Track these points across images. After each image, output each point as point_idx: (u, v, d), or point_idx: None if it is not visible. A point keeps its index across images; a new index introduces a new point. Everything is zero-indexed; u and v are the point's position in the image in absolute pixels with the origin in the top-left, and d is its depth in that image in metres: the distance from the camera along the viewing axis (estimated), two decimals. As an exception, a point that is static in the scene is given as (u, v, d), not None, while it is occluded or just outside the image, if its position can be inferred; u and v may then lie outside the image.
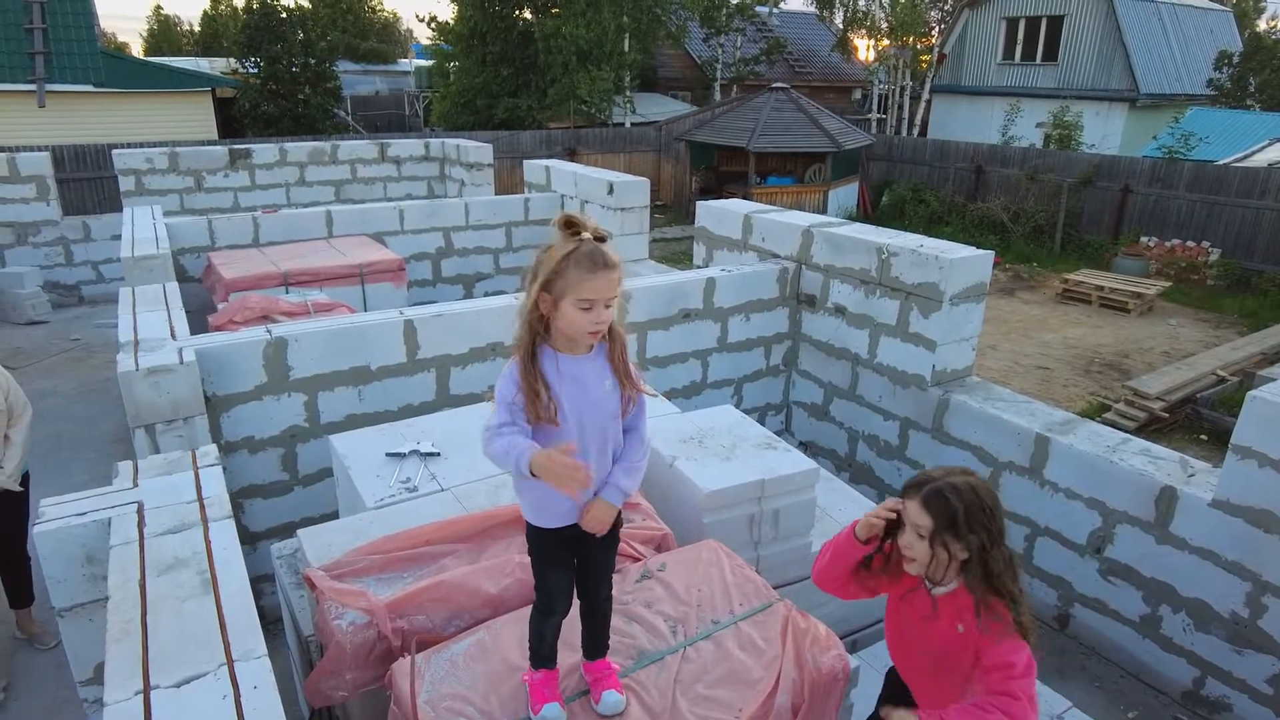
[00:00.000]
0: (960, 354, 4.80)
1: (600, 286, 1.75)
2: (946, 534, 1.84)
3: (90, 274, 9.62)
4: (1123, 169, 14.03)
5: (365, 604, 2.24)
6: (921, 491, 1.88)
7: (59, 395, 7.02)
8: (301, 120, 19.43)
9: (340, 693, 2.17)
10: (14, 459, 3.72)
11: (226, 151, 10.22)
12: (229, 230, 7.19)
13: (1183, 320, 11.07)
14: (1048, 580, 4.30)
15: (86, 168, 12.87)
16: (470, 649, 2.14)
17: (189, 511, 2.42)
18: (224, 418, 3.95)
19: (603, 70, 19.19)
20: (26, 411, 3.81)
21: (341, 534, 2.66)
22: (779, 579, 3.29)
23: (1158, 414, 7.60)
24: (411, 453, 3.16)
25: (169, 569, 2.13)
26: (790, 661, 2.08)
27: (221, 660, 1.81)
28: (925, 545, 1.88)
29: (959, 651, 1.92)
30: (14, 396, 3.75)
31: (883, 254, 4.87)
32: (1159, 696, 3.84)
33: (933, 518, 1.85)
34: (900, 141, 18.36)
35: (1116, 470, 3.88)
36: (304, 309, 4.99)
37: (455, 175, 10.96)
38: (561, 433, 1.82)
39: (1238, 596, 3.49)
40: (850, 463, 5.41)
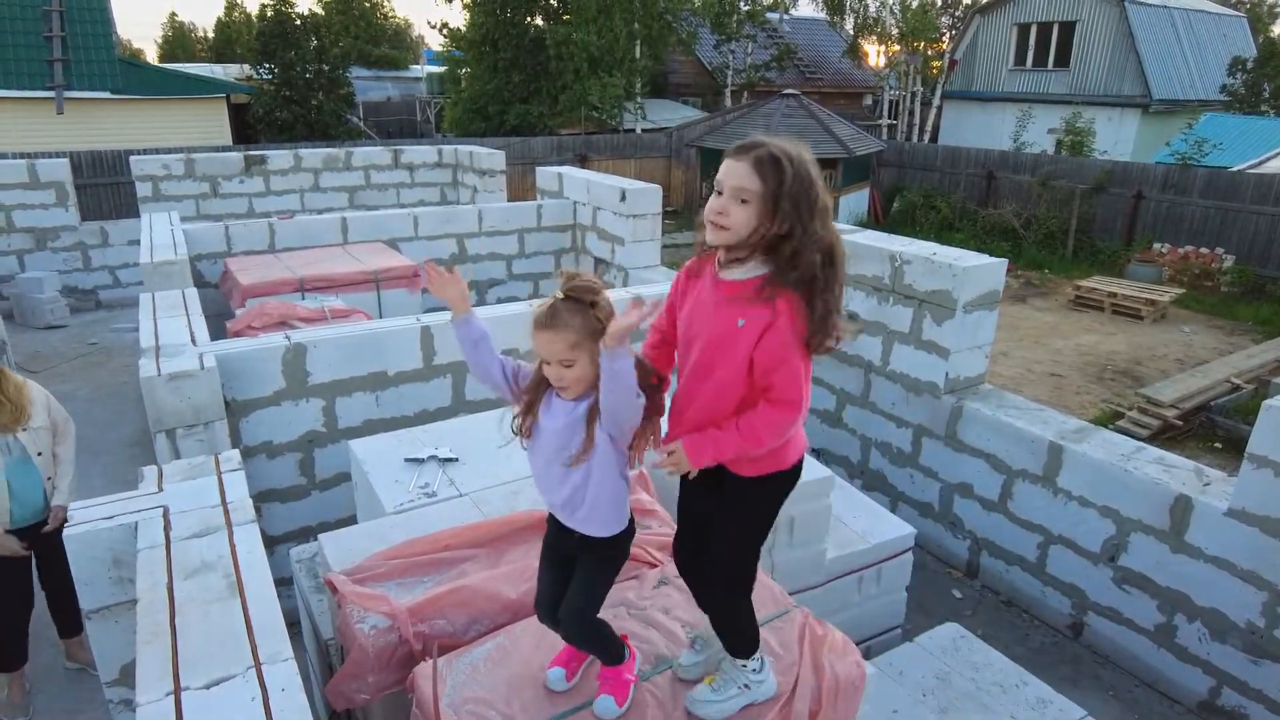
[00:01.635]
0: (973, 361, 4.81)
1: (541, 345, 1.81)
2: (771, 201, 1.69)
3: (107, 279, 9.73)
4: (1135, 175, 13.99)
5: (387, 608, 2.27)
6: (752, 153, 1.71)
7: (77, 399, 7.10)
8: (315, 126, 19.58)
9: (362, 695, 2.20)
10: (66, 476, 3.65)
11: (242, 157, 10.32)
12: (245, 236, 7.25)
13: (1196, 327, 11.01)
14: (1061, 589, 4.29)
15: (104, 173, 13.01)
16: (491, 653, 2.17)
17: (213, 515, 2.46)
18: (243, 423, 4.00)
19: (614, 76, 19.27)
20: (70, 427, 3.76)
21: (361, 538, 2.69)
22: (795, 585, 3.31)
23: (1171, 422, 7.57)
24: (430, 458, 3.19)
25: (195, 572, 2.17)
26: (808, 668, 2.09)
27: (249, 662, 1.84)
28: (744, 212, 1.71)
29: (732, 347, 1.76)
30: (56, 413, 3.69)
31: (895, 261, 4.88)
32: (1174, 706, 3.83)
33: (761, 180, 1.69)
34: (911, 147, 18.34)
35: (1130, 478, 3.88)
36: (321, 315, 5.04)
37: (468, 182, 11.03)
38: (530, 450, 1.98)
39: (1254, 606, 3.48)
40: (863, 470, 5.42)
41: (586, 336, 1.78)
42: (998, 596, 4.64)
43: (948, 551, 4.92)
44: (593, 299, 1.79)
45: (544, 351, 1.82)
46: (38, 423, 3.55)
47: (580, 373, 1.82)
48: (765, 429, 1.80)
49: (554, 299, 1.81)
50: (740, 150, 1.74)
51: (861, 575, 3.58)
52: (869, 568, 3.59)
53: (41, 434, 3.57)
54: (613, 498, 1.91)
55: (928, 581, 4.78)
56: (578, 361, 1.80)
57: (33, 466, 3.54)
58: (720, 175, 1.76)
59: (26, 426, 3.50)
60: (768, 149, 1.72)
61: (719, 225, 1.76)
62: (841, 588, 3.52)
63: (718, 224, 1.76)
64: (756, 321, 1.75)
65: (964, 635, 3.47)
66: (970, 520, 4.74)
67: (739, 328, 1.77)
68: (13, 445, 3.48)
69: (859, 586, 3.60)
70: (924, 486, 4.99)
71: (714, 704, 2.04)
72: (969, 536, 4.76)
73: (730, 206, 1.74)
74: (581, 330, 1.77)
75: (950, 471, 4.79)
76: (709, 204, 1.78)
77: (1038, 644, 4.30)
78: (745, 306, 1.77)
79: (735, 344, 1.78)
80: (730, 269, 1.84)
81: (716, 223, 1.76)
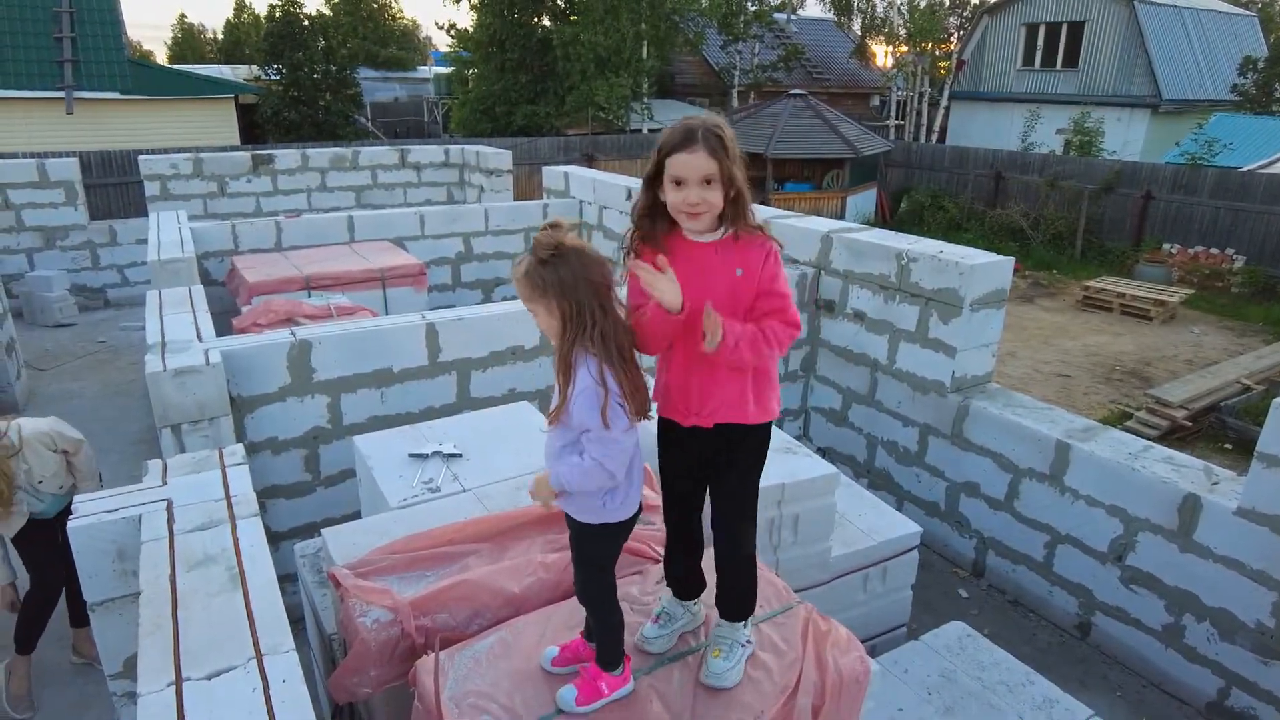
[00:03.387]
0: (980, 360, 4.78)
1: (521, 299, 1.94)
2: (728, 175, 1.85)
3: (116, 278, 9.78)
4: (1144, 175, 13.92)
5: (389, 602, 2.26)
6: (698, 142, 1.83)
7: (85, 397, 7.13)
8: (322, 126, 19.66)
9: (364, 689, 2.20)
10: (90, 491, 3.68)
11: (249, 157, 10.35)
12: (252, 235, 7.28)
13: (1206, 328, 10.95)
14: (1069, 588, 4.26)
15: (113, 173, 13.08)
16: (493, 647, 2.16)
17: (217, 509, 2.46)
18: (248, 418, 4.01)
19: (620, 77, 19.28)
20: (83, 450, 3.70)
21: (365, 534, 2.69)
22: (799, 583, 3.29)
23: (1180, 422, 7.52)
24: (434, 454, 3.19)
25: (198, 565, 2.17)
26: (811, 663, 2.08)
27: (251, 654, 1.84)
28: (714, 193, 1.87)
29: (743, 294, 1.95)
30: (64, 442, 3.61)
31: (902, 260, 4.86)
32: (1183, 707, 3.79)
33: (717, 160, 1.84)
34: (919, 148, 18.30)
35: (1138, 478, 3.85)
36: (326, 312, 5.05)
37: (474, 181, 11.04)
38: None
39: (1263, 606, 3.44)
40: (869, 469, 5.39)
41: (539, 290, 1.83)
42: (1004, 596, 4.61)
43: (954, 551, 4.89)
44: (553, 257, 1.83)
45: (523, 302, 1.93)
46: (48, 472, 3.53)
47: (544, 323, 1.89)
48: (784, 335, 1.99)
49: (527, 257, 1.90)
50: (689, 142, 1.85)
51: (867, 573, 3.56)
52: (874, 566, 3.57)
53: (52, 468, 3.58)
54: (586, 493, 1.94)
55: (934, 581, 4.76)
56: (537, 314, 1.88)
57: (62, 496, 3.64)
58: (678, 171, 1.87)
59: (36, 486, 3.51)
60: (710, 131, 1.86)
61: (697, 213, 1.90)
62: (846, 586, 3.50)
63: (697, 212, 1.90)
64: (753, 263, 1.96)
65: (970, 634, 3.45)
66: (977, 519, 4.71)
67: (739, 276, 1.96)
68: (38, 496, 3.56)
69: (864, 584, 3.58)
70: (930, 486, 4.96)
71: (730, 671, 2.12)
72: (975, 536, 4.74)
73: (703, 194, 1.88)
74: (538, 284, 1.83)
75: (956, 471, 4.77)
76: (678, 199, 1.89)
77: (1044, 644, 4.28)
78: (737, 257, 1.96)
79: (739, 292, 1.97)
80: (706, 234, 1.98)
81: (695, 212, 1.90)
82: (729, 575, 2.17)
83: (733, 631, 2.18)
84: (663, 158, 1.88)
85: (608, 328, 1.83)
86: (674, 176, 1.87)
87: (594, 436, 1.83)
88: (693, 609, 2.26)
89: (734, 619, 2.19)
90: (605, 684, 2.04)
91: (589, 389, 1.80)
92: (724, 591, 2.19)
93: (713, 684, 2.09)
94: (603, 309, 1.83)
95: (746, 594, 2.20)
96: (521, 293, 1.87)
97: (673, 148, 1.86)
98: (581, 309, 1.81)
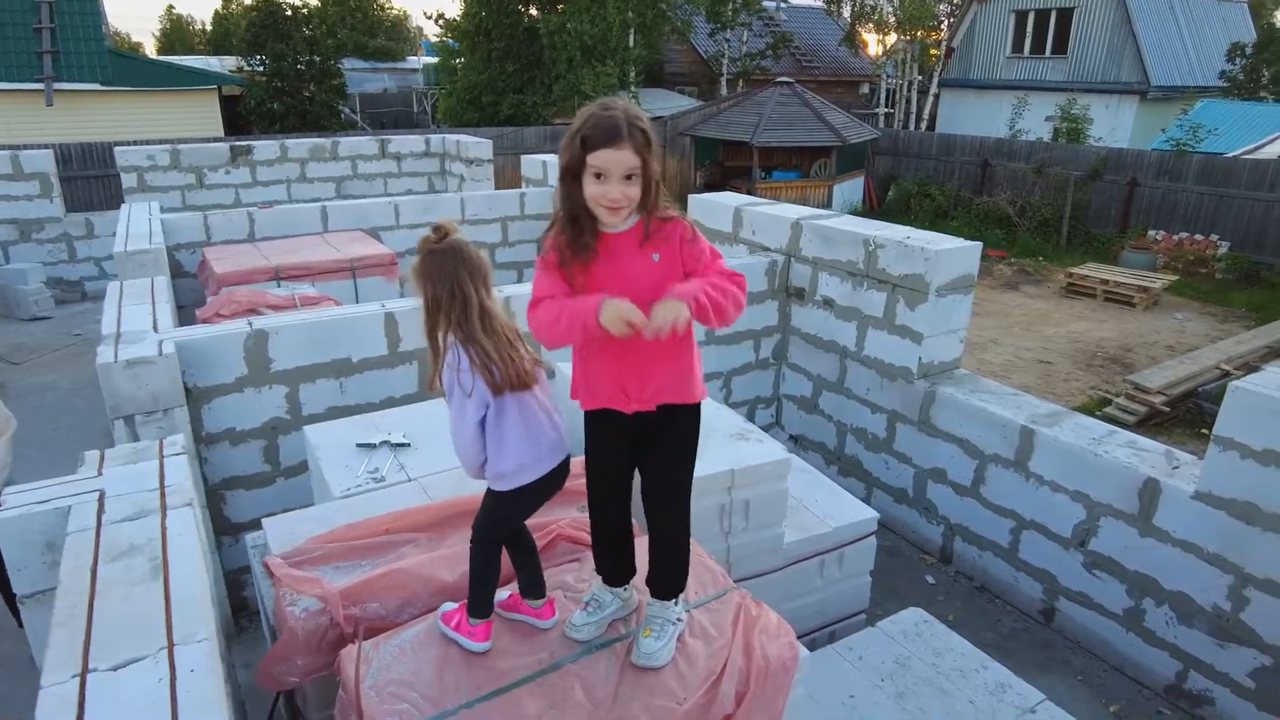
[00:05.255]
0: (947, 346, 4.76)
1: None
2: (647, 167, 1.84)
3: (93, 270, 9.71)
4: (1130, 162, 13.89)
5: (319, 591, 2.24)
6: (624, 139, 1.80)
7: (59, 389, 7.09)
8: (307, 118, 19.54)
9: (291, 678, 2.18)
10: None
11: (228, 148, 10.28)
12: (225, 226, 7.23)
13: (1189, 314, 10.94)
14: (1033, 574, 4.26)
15: (94, 166, 12.98)
16: (420, 636, 2.14)
17: (150, 499, 2.43)
18: (205, 409, 3.97)
19: (607, 66, 19.17)
20: (10, 425, 3.71)
21: (304, 523, 2.67)
22: (751, 569, 3.28)
23: (1158, 408, 7.52)
24: (382, 443, 3.16)
25: (122, 555, 2.14)
26: (739, 649, 2.06)
27: (163, 644, 1.81)
28: (635, 187, 1.85)
29: (668, 278, 1.92)
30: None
31: (870, 246, 4.83)
32: (1142, 690, 3.79)
33: (641, 157, 1.82)
34: (906, 136, 18.23)
35: (1100, 463, 3.84)
36: (290, 303, 5.01)
37: (455, 171, 10.98)
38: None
39: (1220, 590, 3.44)
40: (839, 456, 5.38)
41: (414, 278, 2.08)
42: (971, 582, 4.61)
43: (922, 537, 4.88)
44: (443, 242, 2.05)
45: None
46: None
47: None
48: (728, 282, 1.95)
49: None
50: (615, 138, 1.81)
51: (823, 559, 3.54)
52: (830, 551, 3.55)
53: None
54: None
55: (902, 567, 4.76)
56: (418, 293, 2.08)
57: None
58: (602, 165, 1.83)
59: None
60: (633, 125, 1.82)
61: (619, 208, 1.87)
62: (802, 572, 3.48)
63: (618, 207, 1.87)
64: (671, 248, 1.94)
65: (927, 620, 3.44)
66: (944, 506, 4.70)
67: (656, 262, 1.94)
68: None
69: (820, 571, 3.56)
70: (898, 472, 4.95)
71: (662, 650, 2.12)
72: (942, 522, 4.73)
73: (625, 190, 1.85)
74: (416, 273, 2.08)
75: (924, 457, 4.75)
76: (599, 192, 1.86)
77: (1009, 629, 4.27)
78: (653, 244, 1.94)
79: (662, 278, 1.93)
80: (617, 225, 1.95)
81: (617, 207, 1.87)
82: (664, 555, 2.16)
83: (664, 610, 2.17)
84: (586, 152, 1.83)
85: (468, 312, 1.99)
86: (596, 170, 1.83)
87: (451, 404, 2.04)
88: (623, 595, 2.24)
89: (666, 597, 2.18)
90: (464, 625, 2.15)
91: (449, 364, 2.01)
92: (657, 571, 2.18)
93: (643, 664, 2.07)
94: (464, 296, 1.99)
95: (679, 573, 2.19)
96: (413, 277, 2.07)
97: (598, 142, 1.82)
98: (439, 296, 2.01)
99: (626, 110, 1.86)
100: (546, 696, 1.94)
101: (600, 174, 1.83)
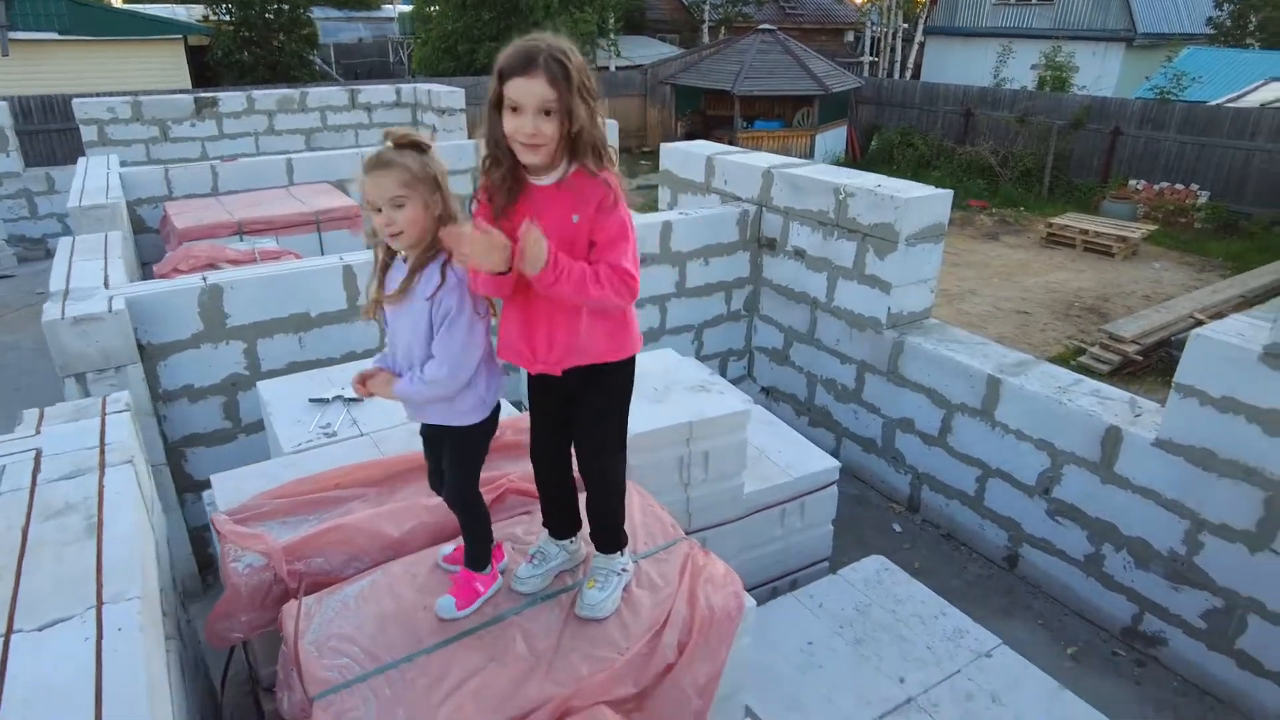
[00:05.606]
0: (917, 296, 4.72)
1: (371, 188, 1.80)
2: (572, 100, 1.71)
3: (56, 227, 9.47)
4: (1113, 111, 13.76)
5: (262, 547, 2.21)
6: (538, 67, 1.68)
7: (21, 349, 6.96)
8: (277, 69, 18.99)
9: (236, 634, 2.16)
10: None
11: (192, 100, 9.98)
12: (187, 180, 7.03)
13: (1167, 264, 10.96)
14: (999, 521, 4.30)
15: (55, 119, 12.57)
16: (364, 590, 2.12)
17: (88, 457, 2.38)
18: (162, 366, 3.90)
19: (585, 13, 18.69)
20: None
21: (253, 479, 2.63)
22: (710, 520, 3.28)
23: (1132, 357, 7.56)
24: (335, 398, 3.11)
25: (56, 514, 2.10)
26: (683, 599, 2.06)
27: (91, 603, 1.78)
28: (552, 124, 1.72)
29: (579, 242, 1.84)
30: None
31: (840, 195, 4.76)
32: (1100, 632, 3.86)
33: (557, 89, 1.69)
34: (890, 84, 17.96)
35: (1065, 411, 3.84)
36: (250, 257, 4.90)
37: (427, 121, 10.73)
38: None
39: (1176, 535, 3.48)
40: (809, 407, 5.38)
41: (418, 178, 1.80)
42: (938, 530, 4.65)
43: (890, 486, 4.91)
44: (425, 146, 1.84)
45: (374, 194, 1.80)
46: None
47: (413, 214, 1.82)
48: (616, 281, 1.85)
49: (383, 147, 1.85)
50: (529, 66, 1.70)
51: (784, 508, 3.55)
52: (791, 501, 3.56)
53: None
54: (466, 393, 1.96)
55: (870, 516, 4.79)
56: (409, 201, 1.80)
57: None
58: (515, 96, 1.72)
59: None
60: (551, 56, 1.71)
61: (534, 145, 1.75)
62: (762, 521, 3.49)
63: (533, 144, 1.75)
64: (588, 210, 1.83)
65: (888, 567, 3.47)
66: (911, 455, 4.72)
67: (575, 223, 1.84)
68: None
69: (781, 520, 3.57)
70: (867, 422, 4.96)
71: (605, 601, 2.10)
72: (910, 471, 4.75)
73: (539, 124, 1.73)
74: (415, 167, 1.80)
75: (893, 407, 4.75)
76: (512, 127, 1.74)
77: (974, 576, 4.33)
78: (575, 203, 1.83)
79: (575, 240, 1.85)
80: (543, 175, 1.85)
81: (531, 144, 1.75)
82: (597, 510, 2.14)
83: (608, 562, 2.16)
84: (502, 83, 1.73)
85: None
86: (511, 102, 1.73)
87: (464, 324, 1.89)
88: (569, 547, 2.23)
89: (606, 550, 2.17)
90: (480, 583, 2.11)
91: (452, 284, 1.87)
92: (595, 526, 2.17)
93: (586, 615, 2.06)
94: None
95: (616, 527, 2.17)
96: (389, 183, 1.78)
97: (511, 71, 1.71)
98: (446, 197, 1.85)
99: (551, 43, 1.74)
100: (488, 649, 1.93)
101: (515, 107, 1.73)
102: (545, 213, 1.82)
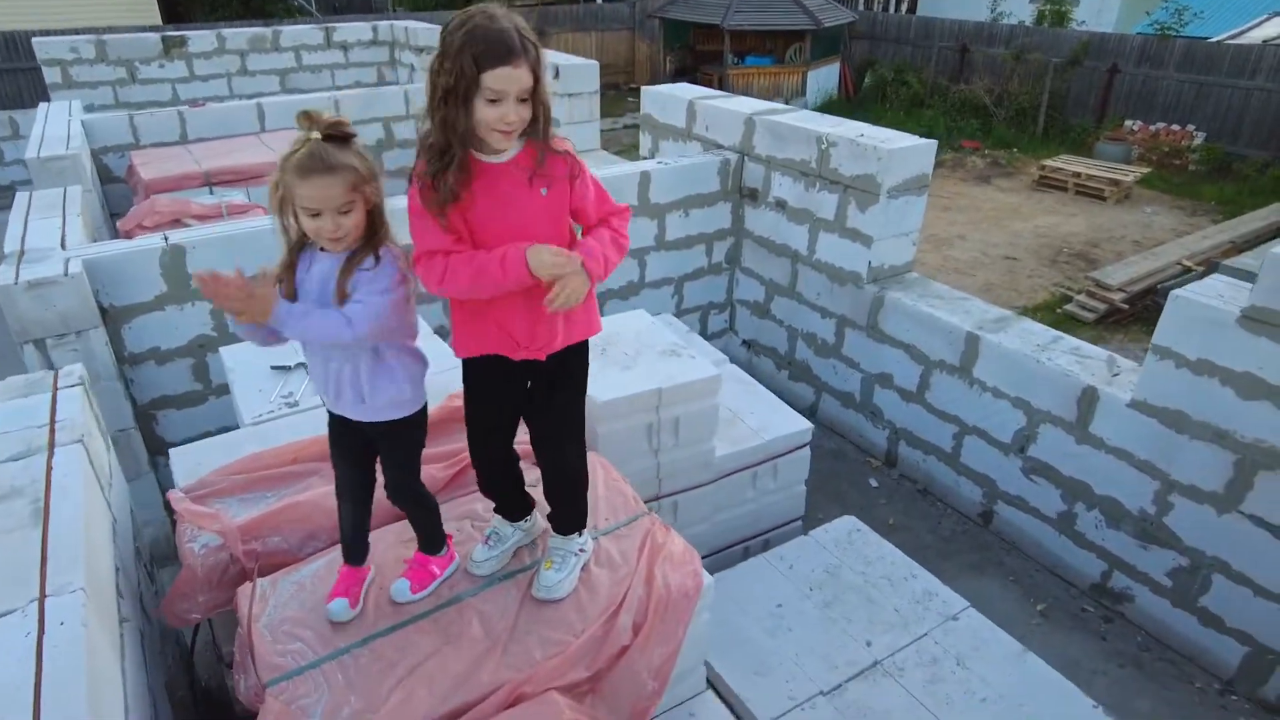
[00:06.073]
0: (898, 250, 4.64)
1: (315, 193, 1.65)
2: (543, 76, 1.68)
3: (23, 174, 9.19)
4: (1112, 47, 13.40)
5: (218, 526, 2.18)
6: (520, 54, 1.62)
7: (-7, 302, 6.82)
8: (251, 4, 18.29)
9: (194, 614, 2.15)
10: None
11: (159, 39, 9.60)
12: (153, 127, 6.82)
13: (1159, 208, 10.83)
14: (974, 478, 4.31)
15: (20, 57, 12.10)
16: (319, 571, 2.10)
17: (37, 436, 2.32)
18: (126, 329, 3.82)
19: (571, -58, 17.97)
20: None
21: (212, 452, 2.59)
22: (681, 484, 3.27)
23: (1118, 305, 7.52)
24: (298, 365, 3.05)
25: (1, 499, 2.05)
26: (640, 579, 2.05)
27: (34, 595, 1.75)
28: (527, 108, 1.69)
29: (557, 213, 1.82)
30: None
31: (822, 144, 4.63)
32: (1070, 589, 3.91)
33: (533, 70, 1.65)
34: (884, 19, 17.44)
35: (1042, 369, 3.82)
36: (217, 211, 4.77)
37: (406, 60, 10.39)
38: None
39: (1147, 495, 3.49)
40: (790, 361, 5.34)
41: (364, 178, 1.71)
42: (914, 485, 4.67)
43: (869, 441, 4.92)
44: (351, 135, 1.72)
45: (320, 199, 1.66)
46: None
47: (358, 217, 1.74)
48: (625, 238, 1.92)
49: (312, 140, 1.66)
50: (512, 54, 1.63)
51: (756, 471, 3.54)
52: (763, 463, 3.55)
53: None
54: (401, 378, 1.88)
55: (847, 470, 4.81)
56: (356, 205, 1.71)
57: None
58: (500, 86, 1.64)
59: None
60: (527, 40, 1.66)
61: (511, 132, 1.70)
62: (734, 484, 3.48)
63: (511, 130, 1.70)
64: (559, 180, 1.79)
65: (859, 529, 3.48)
66: (889, 411, 4.71)
67: (544, 196, 1.79)
68: None
69: (754, 482, 3.57)
70: (846, 377, 4.93)
71: (563, 581, 2.09)
72: (888, 426, 4.75)
73: (520, 111, 1.69)
74: (360, 165, 1.70)
75: (871, 362, 4.72)
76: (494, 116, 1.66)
77: (949, 532, 4.36)
78: (540, 177, 1.77)
79: (553, 212, 1.82)
80: (496, 154, 1.77)
81: (510, 130, 1.70)
82: (560, 494, 2.11)
83: (566, 543, 2.14)
84: (481, 71, 1.62)
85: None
86: (492, 93, 1.63)
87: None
88: (524, 525, 2.21)
89: (567, 532, 2.15)
90: (435, 565, 2.10)
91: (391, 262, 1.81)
92: (555, 509, 2.14)
93: (543, 596, 2.05)
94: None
95: (578, 510, 2.14)
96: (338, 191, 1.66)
97: (493, 60, 1.61)
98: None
99: (514, 20, 1.65)
100: (442, 632, 1.92)
101: (496, 96, 1.64)
102: (509, 193, 1.77)
